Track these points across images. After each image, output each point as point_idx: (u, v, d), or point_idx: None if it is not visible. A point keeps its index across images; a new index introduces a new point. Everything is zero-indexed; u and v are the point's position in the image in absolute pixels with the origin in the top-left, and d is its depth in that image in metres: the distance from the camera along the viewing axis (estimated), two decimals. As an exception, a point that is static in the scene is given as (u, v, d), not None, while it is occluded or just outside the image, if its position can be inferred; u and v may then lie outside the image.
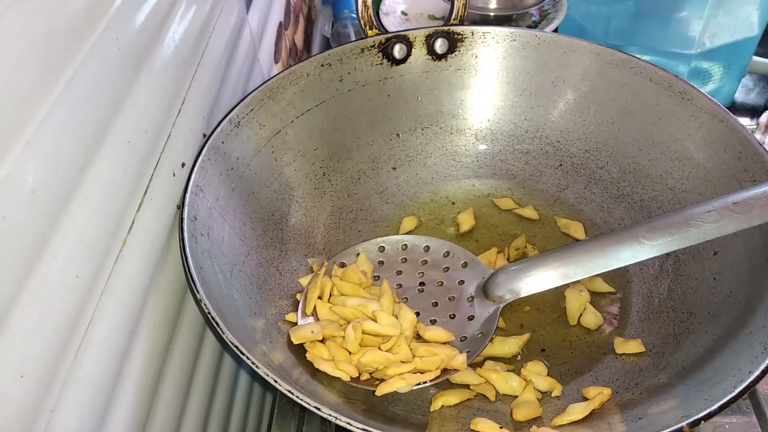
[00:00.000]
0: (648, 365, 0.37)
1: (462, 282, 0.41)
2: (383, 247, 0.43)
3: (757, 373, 0.29)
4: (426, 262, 0.42)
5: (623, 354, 0.38)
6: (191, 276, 0.31)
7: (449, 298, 0.40)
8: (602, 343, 0.40)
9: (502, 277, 0.39)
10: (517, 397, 0.36)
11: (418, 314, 0.38)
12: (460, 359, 0.35)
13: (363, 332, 0.35)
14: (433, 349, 0.35)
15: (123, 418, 0.28)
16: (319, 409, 0.28)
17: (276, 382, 0.28)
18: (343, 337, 0.35)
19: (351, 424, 0.28)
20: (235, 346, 0.29)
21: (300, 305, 0.38)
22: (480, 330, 0.38)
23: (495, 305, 0.39)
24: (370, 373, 0.35)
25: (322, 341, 0.35)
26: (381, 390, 0.33)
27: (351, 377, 0.34)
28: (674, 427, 0.28)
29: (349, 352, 0.35)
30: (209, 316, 0.30)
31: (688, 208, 0.35)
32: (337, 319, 0.37)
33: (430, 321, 0.39)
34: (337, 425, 0.28)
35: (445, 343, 0.37)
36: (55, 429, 0.22)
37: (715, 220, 0.33)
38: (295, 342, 0.35)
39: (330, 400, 0.32)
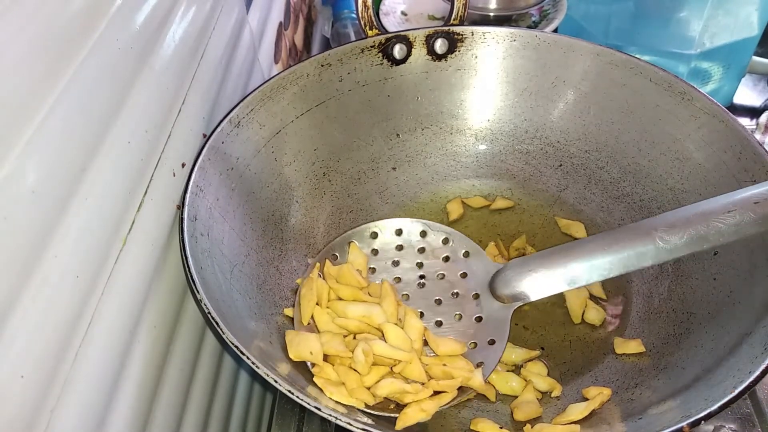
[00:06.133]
0: (648, 365, 0.37)
1: (465, 275, 0.39)
2: (376, 233, 0.41)
3: (757, 373, 0.29)
4: (424, 249, 0.40)
5: (623, 354, 0.38)
6: (191, 276, 0.31)
7: (453, 294, 0.39)
8: (602, 343, 0.40)
9: (511, 274, 0.36)
10: (517, 397, 0.36)
11: (422, 314, 0.38)
12: (477, 380, 0.34)
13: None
14: (449, 370, 0.34)
15: (123, 418, 0.28)
16: (319, 409, 0.28)
17: (276, 382, 0.28)
18: (350, 356, 0.33)
19: (351, 425, 0.28)
20: (235, 346, 0.29)
21: (295, 314, 0.37)
22: (491, 336, 0.36)
23: (505, 308, 0.37)
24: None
25: (326, 358, 0.34)
26: (401, 424, 0.31)
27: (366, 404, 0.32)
28: (674, 427, 0.28)
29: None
30: (209, 316, 0.30)
31: (702, 204, 0.33)
32: (339, 331, 0.35)
33: (436, 322, 0.38)
34: (337, 425, 0.28)
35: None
36: (55, 429, 0.22)
37: (737, 222, 0.31)
38: (294, 359, 0.33)
39: (330, 401, 0.32)
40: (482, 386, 0.34)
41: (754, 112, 0.67)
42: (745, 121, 0.58)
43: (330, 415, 0.27)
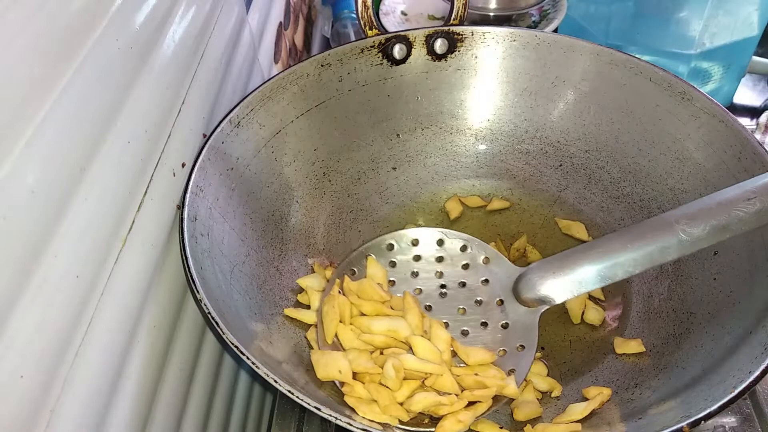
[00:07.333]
0: (648, 365, 0.37)
1: (486, 281, 0.39)
2: (392, 244, 0.41)
3: (757, 373, 0.29)
4: (442, 258, 0.40)
5: (623, 354, 0.38)
6: (191, 276, 0.31)
7: (476, 302, 0.38)
8: (602, 343, 0.40)
9: (535, 277, 0.36)
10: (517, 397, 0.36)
11: (447, 325, 0.37)
12: (511, 387, 0.33)
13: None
14: (482, 380, 0.33)
15: (123, 418, 0.28)
16: (319, 409, 0.28)
17: (276, 382, 0.28)
18: (380, 372, 0.32)
19: (351, 425, 0.28)
20: (235, 346, 0.29)
21: (318, 333, 0.36)
22: (519, 342, 0.36)
23: (531, 312, 0.36)
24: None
25: (354, 376, 0.33)
26: None
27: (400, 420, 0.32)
28: (674, 427, 0.28)
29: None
30: (209, 316, 0.30)
31: (720, 193, 0.33)
32: (365, 347, 0.35)
33: (462, 332, 0.37)
34: (337, 425, 0.28)
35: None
36: (55, 429, 0.22)
37: (758, 209, 0.31)
38: (322, 379, 0.33)
39: (330, 400, 0.32)
40: (517, 393, 0.33)
41: (754, 112, 0.67)
42: (745, 121, 0.58)
43: (330, 416, 0.27)
